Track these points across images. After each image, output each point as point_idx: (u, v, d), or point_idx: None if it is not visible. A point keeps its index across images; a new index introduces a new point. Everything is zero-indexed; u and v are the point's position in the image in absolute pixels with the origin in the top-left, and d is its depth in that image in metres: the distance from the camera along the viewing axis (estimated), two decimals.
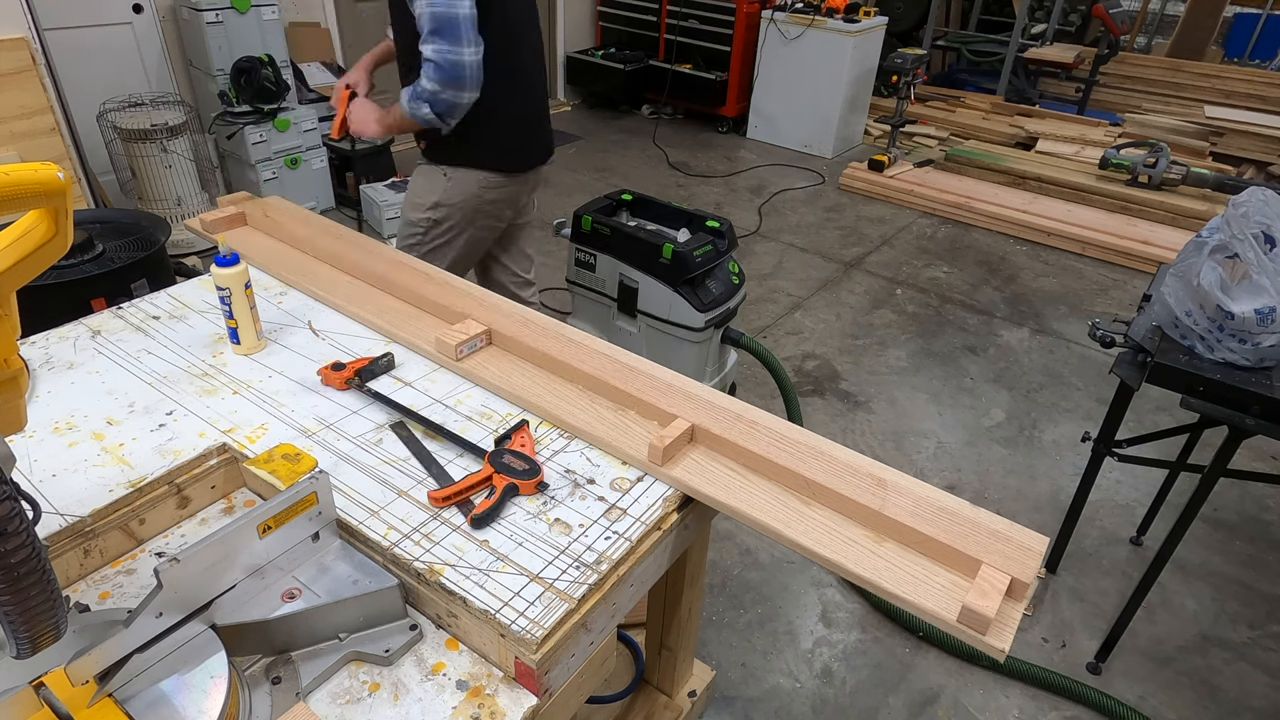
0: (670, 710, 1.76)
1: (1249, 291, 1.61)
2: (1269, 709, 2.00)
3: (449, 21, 1.76)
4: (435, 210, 2.18)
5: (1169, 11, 8.56)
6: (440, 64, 1.81)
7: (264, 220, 1.94)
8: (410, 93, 1.90)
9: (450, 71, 1.82)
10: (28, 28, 3.09)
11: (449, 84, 1.84)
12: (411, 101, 1.91)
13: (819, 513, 1.14)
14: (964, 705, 1.97)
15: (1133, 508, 2.60)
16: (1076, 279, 4.18)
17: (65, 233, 0.74)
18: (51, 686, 0.83)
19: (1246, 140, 5.44)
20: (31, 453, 1.19)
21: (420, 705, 0.92)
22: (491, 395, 1.39)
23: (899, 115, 5.17)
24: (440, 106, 1.90)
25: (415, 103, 1.90)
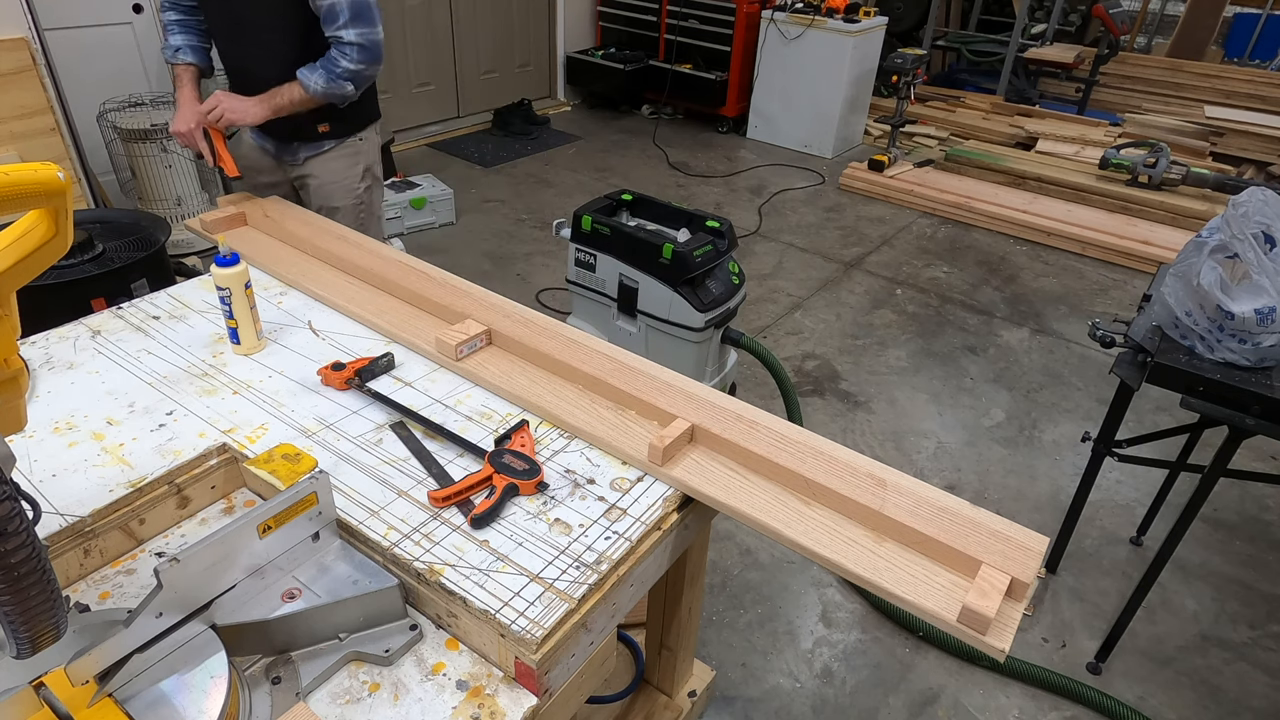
0: (670, 710, 1.76)
1: (1249, 291, 1.61)
2: (1269, 709, 2.00)
3: (365, 7, 1.96)
4: (367, 176, 2.33)
5: (1169, 11, 8.56)
6: (365, 45, 1.98)
7: (264, 220, 1.94)
8: (324, 75, 2.00)
9: (373, 51, 2.01)
10: (28, 28, 3.09)
11: (373, 62, 2.02)
12: (331, 83, 2.01)
13: (819, 513, 1.14)
14: (964, 705, 1.97)
15: (1133, 508, 2.59)
16: (1076, 279, 4.18)
17: (65, 233, 0.74)
18: (51, 686, 0.83)
19: (1246, 140, 5.44)
20: (31, 453, 1.19)
21: (420, 705, 0.92)
22: (491, 395, 1.39)
23: (899, 115, 5.16)
24: (361, 82, 2.07)
25: (336, 83, 2.01)
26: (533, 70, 6.37)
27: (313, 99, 2.02)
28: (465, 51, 5.72)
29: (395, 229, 4.23)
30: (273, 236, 1.89)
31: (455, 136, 5.77)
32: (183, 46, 2.13)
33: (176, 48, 2.14)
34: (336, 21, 1.94)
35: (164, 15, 2.13)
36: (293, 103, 2.02)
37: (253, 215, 1.96)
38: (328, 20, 1.95)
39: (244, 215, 1.96)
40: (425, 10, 5.36)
